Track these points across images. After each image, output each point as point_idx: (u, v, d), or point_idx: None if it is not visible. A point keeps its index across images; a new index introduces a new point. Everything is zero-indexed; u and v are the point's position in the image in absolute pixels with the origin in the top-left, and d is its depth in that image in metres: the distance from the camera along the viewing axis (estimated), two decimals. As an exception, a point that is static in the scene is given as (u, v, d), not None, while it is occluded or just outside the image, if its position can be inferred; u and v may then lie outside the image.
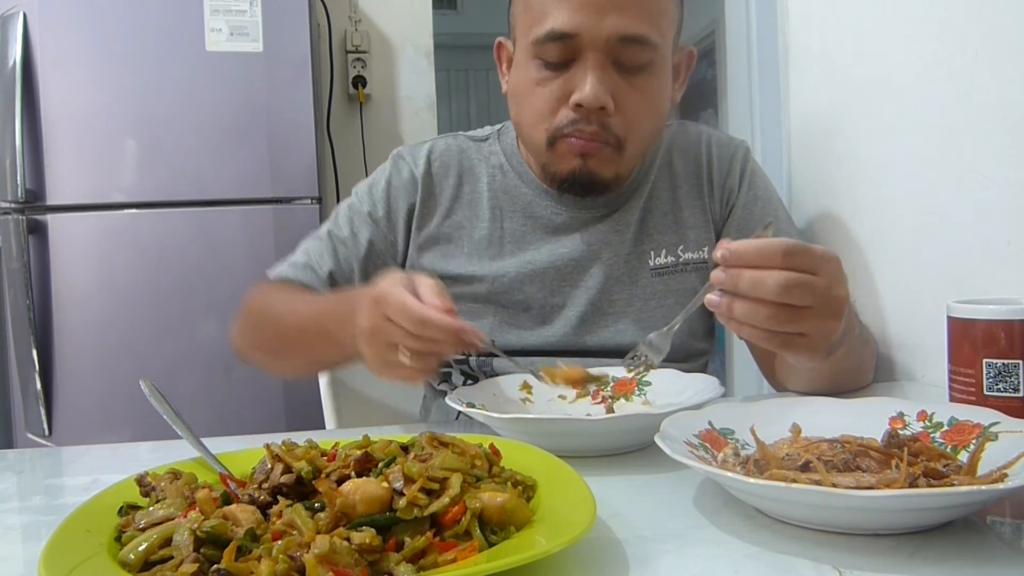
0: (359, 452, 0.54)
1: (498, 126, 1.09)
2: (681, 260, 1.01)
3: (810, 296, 0.64)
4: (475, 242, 1.02)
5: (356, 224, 1.02)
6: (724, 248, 0.65)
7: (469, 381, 0.99)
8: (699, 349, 1.04)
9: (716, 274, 0.66)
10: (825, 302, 0.65)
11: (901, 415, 0.64)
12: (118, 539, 0.49)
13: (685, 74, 1.01)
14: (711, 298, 0.67)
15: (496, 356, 0.98)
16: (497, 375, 0.94)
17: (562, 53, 0.89)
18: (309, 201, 1.90)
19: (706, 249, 1.02)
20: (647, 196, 1.02)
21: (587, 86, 0.87)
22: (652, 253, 1.01)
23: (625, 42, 0.88)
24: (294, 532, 0.45)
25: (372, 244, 1.02)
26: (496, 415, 0.71)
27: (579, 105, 0.88)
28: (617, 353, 0.95)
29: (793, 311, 0.64)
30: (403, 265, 1.04)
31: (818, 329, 0.67)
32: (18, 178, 1.77)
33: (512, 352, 0.99)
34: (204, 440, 0.65)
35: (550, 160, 0.94)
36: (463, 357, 1.02)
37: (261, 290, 1.00)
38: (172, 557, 0.45)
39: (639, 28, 0.87)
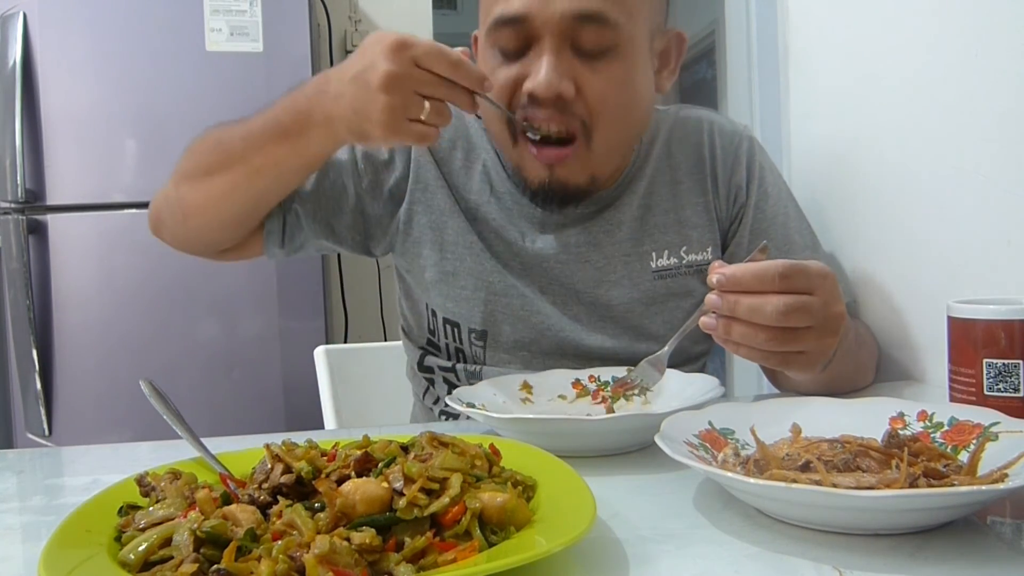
0: (359, 452, 0.54)
1: None
2: (684, 262, 0.96)
3: (808, 317, 0.64)
4: (466, 202, 0.97)
5: None
6: (719, 273, 0.65)
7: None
8: (696, 352, 1.00)
9: (711, 298, 0.66)
10: (823, 320, 0.66)
11: (901, 415, 0.64)
12: (118, 539, 0.49)
13: (676, 60, 0.94)
14: (707, 321, 0.67)
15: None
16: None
17: (516, 40, 0.83)
18: (309, 201, 1.90)
19: (710, 250, 0.97)
20: (645, 192, 0.97)
21: (540, 73, 0.81)
22: (654, 254, 0.96)
23: (582, 21, 0.81)
24: (294, 532, 0.45)
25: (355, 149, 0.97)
26: (496, 415, 0.70)
27: (533, 95, 0.82)
28: (615, 359, 0.93)
29: (792, 332, 0.65)
30: (392, 193, 0.98)
31: (816, 347, 0.67)
32: (18, 178, 1.77)
33: (506, 344, 0.97)
34: (204, 440, 0.65)
35: (518, 162, 0.90)
36: (449, 365, 1.00)
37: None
38: (172, 557, 0.45)
39: (594, 4, 0.81)
